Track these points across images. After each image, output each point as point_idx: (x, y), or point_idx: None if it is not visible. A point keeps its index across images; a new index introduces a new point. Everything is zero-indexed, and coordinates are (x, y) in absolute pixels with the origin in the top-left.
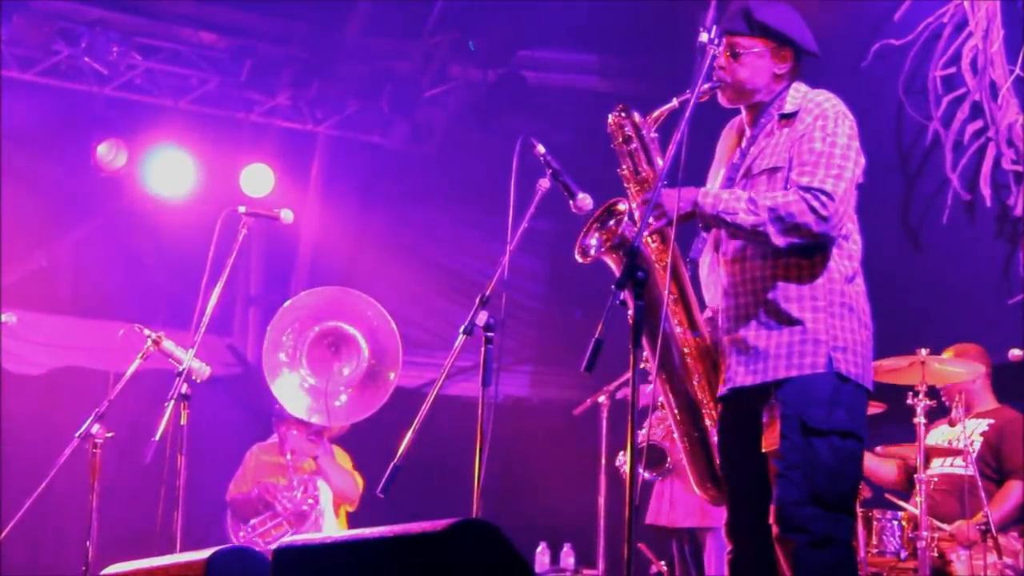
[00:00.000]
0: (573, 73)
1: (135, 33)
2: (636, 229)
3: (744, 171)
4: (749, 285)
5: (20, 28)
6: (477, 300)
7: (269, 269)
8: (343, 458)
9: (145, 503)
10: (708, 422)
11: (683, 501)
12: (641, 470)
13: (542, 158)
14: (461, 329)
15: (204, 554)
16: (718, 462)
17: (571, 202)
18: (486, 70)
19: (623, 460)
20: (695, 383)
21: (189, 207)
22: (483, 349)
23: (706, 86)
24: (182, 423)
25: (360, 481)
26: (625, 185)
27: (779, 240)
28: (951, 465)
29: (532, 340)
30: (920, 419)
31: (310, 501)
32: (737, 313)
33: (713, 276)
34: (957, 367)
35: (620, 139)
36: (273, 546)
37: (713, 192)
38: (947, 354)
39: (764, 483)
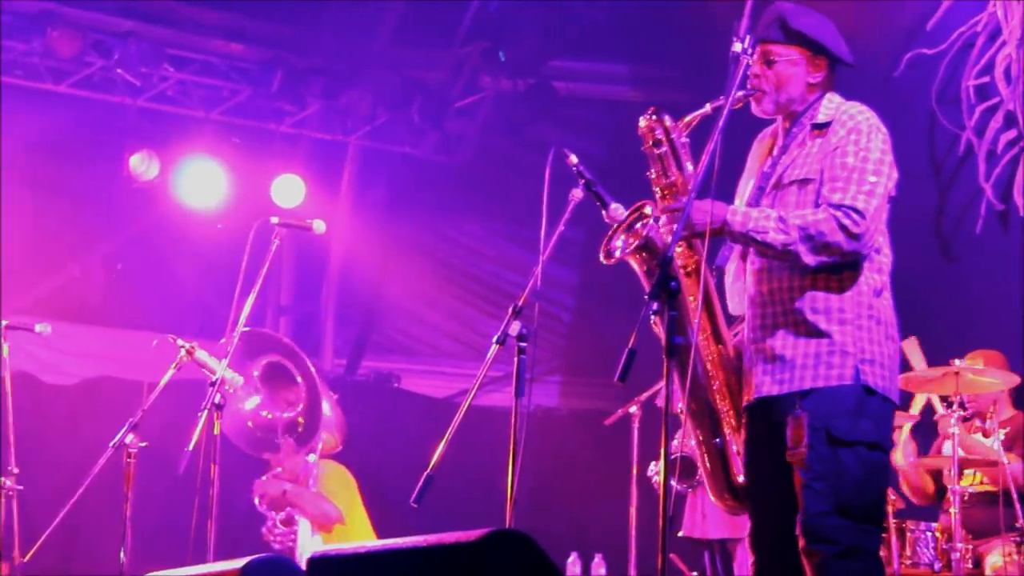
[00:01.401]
0: (604, 83)
1: (167, 45)
2: (660, 230)
3: (775, 181)
4: (776, 295)
5: (53, 40)
6: (510, 310)
7: (300, 279)
8: (335, 475)
9: (179, 512)
10: (727, 430)
11: (713, 512)
12: (673, 482)
13: (575, 168)
14: (494, 339)
15: (238, 563)
16: (736, 472)
17: (604, 212)
18: (516, 80)
19: (655, 471)
20: (715, 391)
21: (221, 217)
22: (516, 359)
23: (739, 94)
24: (215, 433)
25: (345, 502)
26: (653, 189)
27: (809, 259)
28: (982, 483)
29: (563, 350)
30: (954, 430)
31: (293, 537)
32: (764, 323)
33: (739, 284)
34: (991, 377)
35: (650, 142)
36: (307, 555)
37: (742, 210)
38: (968, 360)
39: (788, 494)
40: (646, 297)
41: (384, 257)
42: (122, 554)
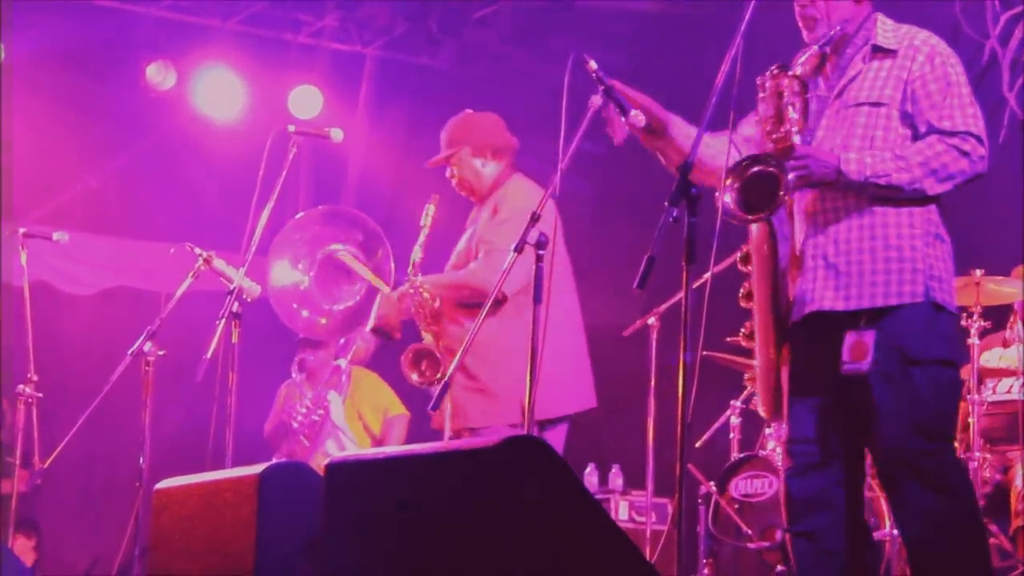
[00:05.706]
0: None
1: None
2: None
3: (838, 98)
4: (842, 213)
5: None
6: (528, 217)
7: (318, 190)
8: (368, 382)
9: (197, 420)
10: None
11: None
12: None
13: (594, 74)
14: (512, 247)
15: (257, 469)
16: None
17: (623, 119)
18: None
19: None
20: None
21: (238, 128)
22: (534, 267)
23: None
24: (233, 341)
25: (381, 407)
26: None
27: (936, 190)
28: (1008, 392)
29: (580, 262)
30: (974, 340)
31: (320, 412)
32: (827, 238)
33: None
34: (1013, 287)
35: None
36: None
37: (854, 157)
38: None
39: (848, 411)
40: (666, 203)
41: (402, 169)
42: (141, 461)
